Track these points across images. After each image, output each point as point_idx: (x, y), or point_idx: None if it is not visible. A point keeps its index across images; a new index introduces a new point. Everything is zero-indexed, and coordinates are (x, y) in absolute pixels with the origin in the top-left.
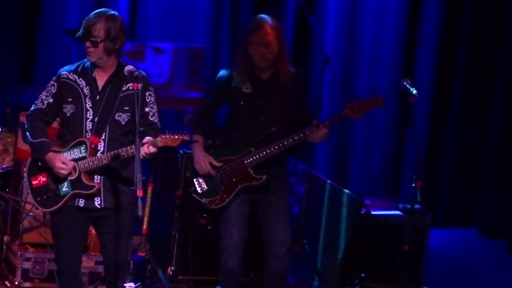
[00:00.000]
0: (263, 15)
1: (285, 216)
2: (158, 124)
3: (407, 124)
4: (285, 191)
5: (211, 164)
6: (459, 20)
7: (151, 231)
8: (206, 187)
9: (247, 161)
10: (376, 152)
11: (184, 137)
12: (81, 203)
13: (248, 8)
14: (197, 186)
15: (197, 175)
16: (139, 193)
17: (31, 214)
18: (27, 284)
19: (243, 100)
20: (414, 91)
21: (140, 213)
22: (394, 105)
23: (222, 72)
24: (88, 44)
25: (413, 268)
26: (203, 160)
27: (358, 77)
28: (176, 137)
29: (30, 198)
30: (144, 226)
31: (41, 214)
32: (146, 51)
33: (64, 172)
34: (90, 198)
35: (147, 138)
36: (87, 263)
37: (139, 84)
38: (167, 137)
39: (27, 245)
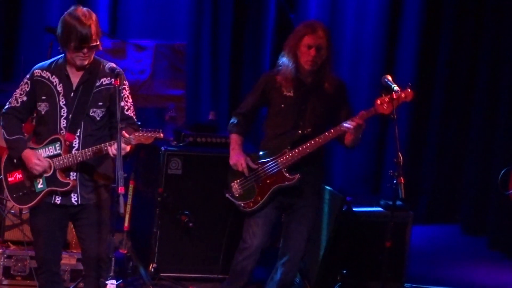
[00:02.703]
0: (314, 19)
1: (309, 225)
2: (134, 117)
3: (389, 121)
4: (317, 199)
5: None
6: (440, 16)
7: (132, 228)
8: (242, 190)
9: (281, 161)
10: (357, 149)
11: (157, 135)
12: (57, 200)
13: (229, 5)
14: (234, 190)
15: (234, 178)
16: (121, 190)
17: (13, 211)
18: (9, 282)
19: (284, 103)
20: (395, 88)
21: (121, 210)
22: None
23: (266, 73)
24: (86, 50)
25: (395, 265)
26: (240, 158)
27: (340, 74)
28: (149, 134)
29: None
30: (126, 224)
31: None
32: (127, 48)
33: (39, 168)
34: (66, 195)
35: (122, 133)
36: (69, 260)
37: (116, 80)
38: (140, 134)
39: (9, 243)
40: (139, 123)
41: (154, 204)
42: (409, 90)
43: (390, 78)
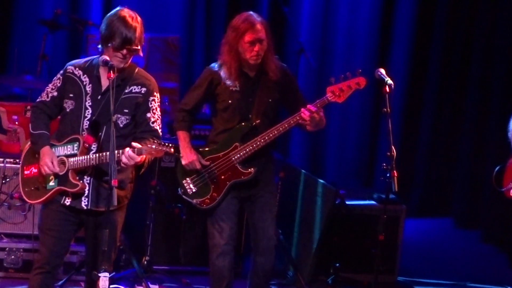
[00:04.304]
0: (249, 12)
1: (272, 211)
2: (159, 131)
3: (381, 114)
4: (273, 185)
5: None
6: (434, 8)
7: (125, 221)
8: (196, 188)
9: (234, 157)
10: (350, 142)
11: (168, 149)
12: (67, 202)
13: None
14: (186, 187)
15: (185, 176)
16: (114, 183)
17: (6, 204)
18: (1, 274)
19: (231, 98)
20: (389, 81)
21: (115, 203)
22: (369, 95)
23: (209, 69)
24: (125, 52)
25: (388, 258)
26: (191, 157)
27: (333, 67)
28: (160, 148)
29: (4, 188)
30: None
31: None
32: None
33: (46, 169)
34: (76, 197)
35: (134, 144)
36: None
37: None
38: (151, 147)
39: (2, 235)
40: None
41: (147, 197)
42: (361, 77)
43: (383, 71)
